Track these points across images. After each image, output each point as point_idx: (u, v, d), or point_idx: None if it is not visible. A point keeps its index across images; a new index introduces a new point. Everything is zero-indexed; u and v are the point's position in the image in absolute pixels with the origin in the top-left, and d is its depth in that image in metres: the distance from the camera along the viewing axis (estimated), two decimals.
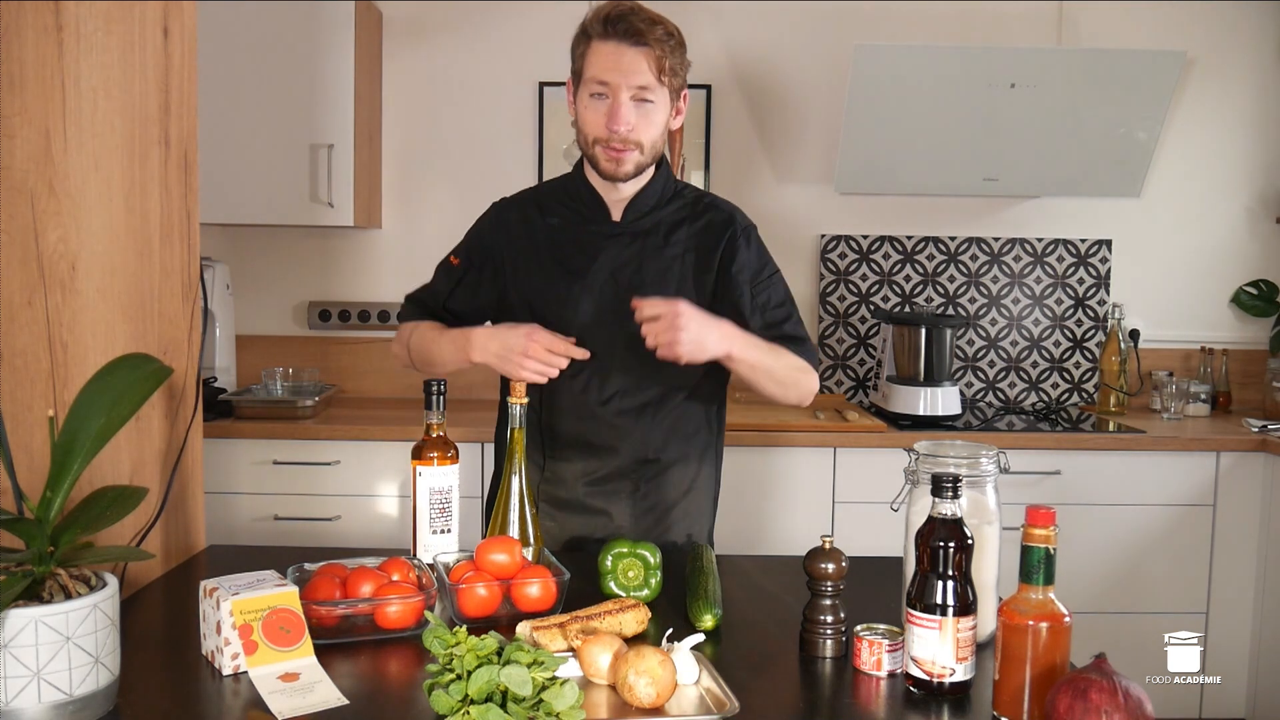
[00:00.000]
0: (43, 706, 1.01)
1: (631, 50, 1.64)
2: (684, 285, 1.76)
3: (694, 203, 1.82)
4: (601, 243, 1.76)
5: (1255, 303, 3.49)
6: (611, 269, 1.75)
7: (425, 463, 1.53)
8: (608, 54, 1.65)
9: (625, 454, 1.76)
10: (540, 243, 1.78)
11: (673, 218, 1.79)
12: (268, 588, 1.20)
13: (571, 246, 1.77)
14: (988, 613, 1.27)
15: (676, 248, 1.77)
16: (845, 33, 3.36)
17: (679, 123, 1.76)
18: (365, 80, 3.18)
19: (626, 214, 1.77)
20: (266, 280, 3.41)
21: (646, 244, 1.76)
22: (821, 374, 3.47)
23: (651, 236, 1.77)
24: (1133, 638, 2.35)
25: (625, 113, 1.65)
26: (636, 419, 1.76)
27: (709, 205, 1.82)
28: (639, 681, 1.09)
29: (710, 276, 1.78)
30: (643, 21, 1.64)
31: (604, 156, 1.69)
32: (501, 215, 1.84)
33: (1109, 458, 2.95)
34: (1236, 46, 3.44)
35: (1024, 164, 3.15)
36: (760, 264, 1.81)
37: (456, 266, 1.85)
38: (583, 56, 1.68)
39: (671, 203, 1.80)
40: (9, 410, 1.26)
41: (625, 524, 1.78)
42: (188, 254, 1.66)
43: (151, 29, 1.52)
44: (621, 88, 1.65)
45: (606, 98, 1.66)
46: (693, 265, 1.77)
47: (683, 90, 1.74)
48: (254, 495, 2.88)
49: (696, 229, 1.79)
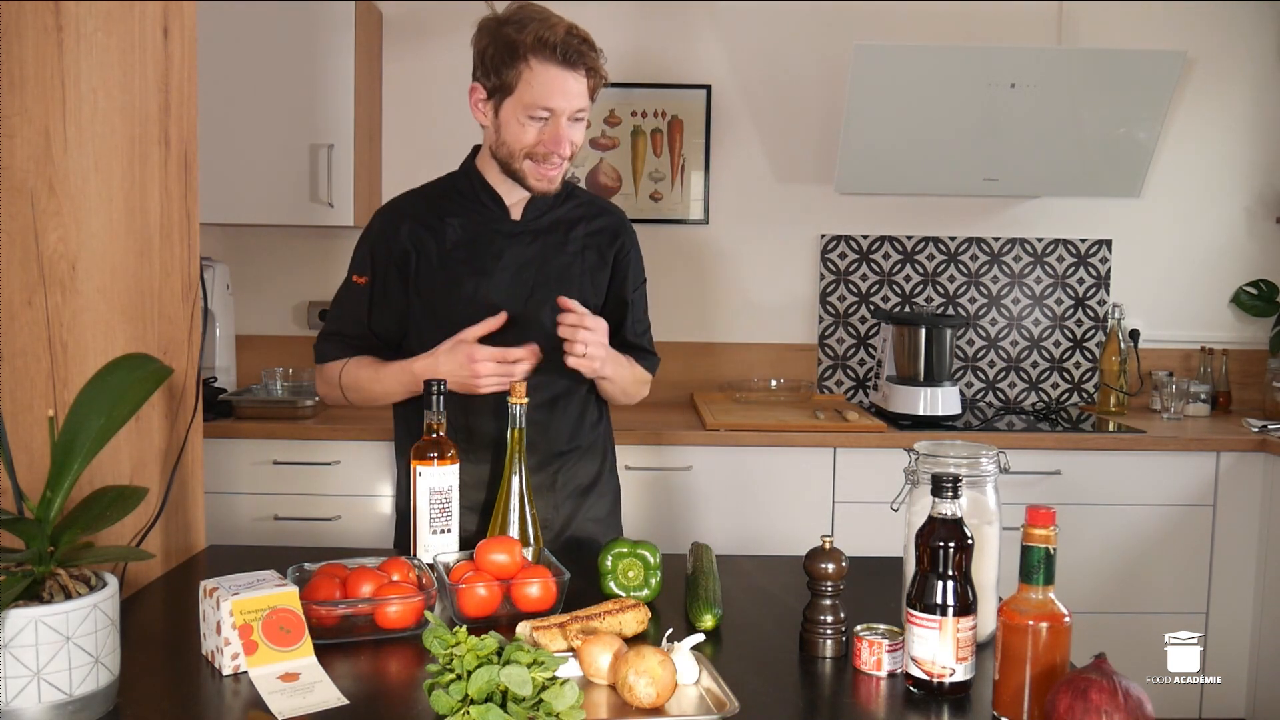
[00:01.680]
0: (43, 706, 1.01)
1: (572, 75, 1.64)
2: (584, 282, 1.80)
3: (587, 204, 1.86)
4: (503, 241, 1.77)
5: (1255, 303, 3.49)
6: (515, 267, 1.76)
7: (425, 463, 1.53)
8: (550, 80, 1.63)
9: (542, 447, 1.78)
10: (441, 244, 1.76)
11: (569, 216, 1.82)
12: (268, 588, 1.20)
13: (474, 246, 1.76)
14: (988, 613, 1.27)
15: (575, 245, 1.81)
16: (845, 33, 3.36)
17: None
18: (365, 80, 3.18)
19: (526, 213, 1.79)
20: (266, 280, 3.41)
21: (548, 242, 1.79)
22: (821, 374, 3.48)
23: (551, 234, 1.79)
24: (1133, 638, 2.34)
25: (569, 135, 1.67)
26: (550, 412, 1.78)
27: (601, 208, 1.88)
28: (639, 681, 1.09)
29: (605, 274, 1.83)
30: (579, 42, 1.64)
31: (534, 173, 1.70)
32: (394, 220, 1.79)
33: (1109, 458, 2.95)
34: (1236, 46, 3.44)
35: (1024, 164, 3.15)
36: (641, 273, 1.92)
37: (364, 285, 1.79)
38: (518, 77, 1.64)
39: (567, 202, 1.83)
40: (9, 410, 1.26)
41: (548, 516, 1.80)
42: (188, 254, 1.66)
43: (151, 29, 1.52)
44: (564, 112, 1.65)
45: (544, 120, 1.66)
46: (592, 263, 1.81)
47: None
48: (254, 495, 2.88)
49: (592, 229, 1.83)
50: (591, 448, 1.88)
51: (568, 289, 1.75)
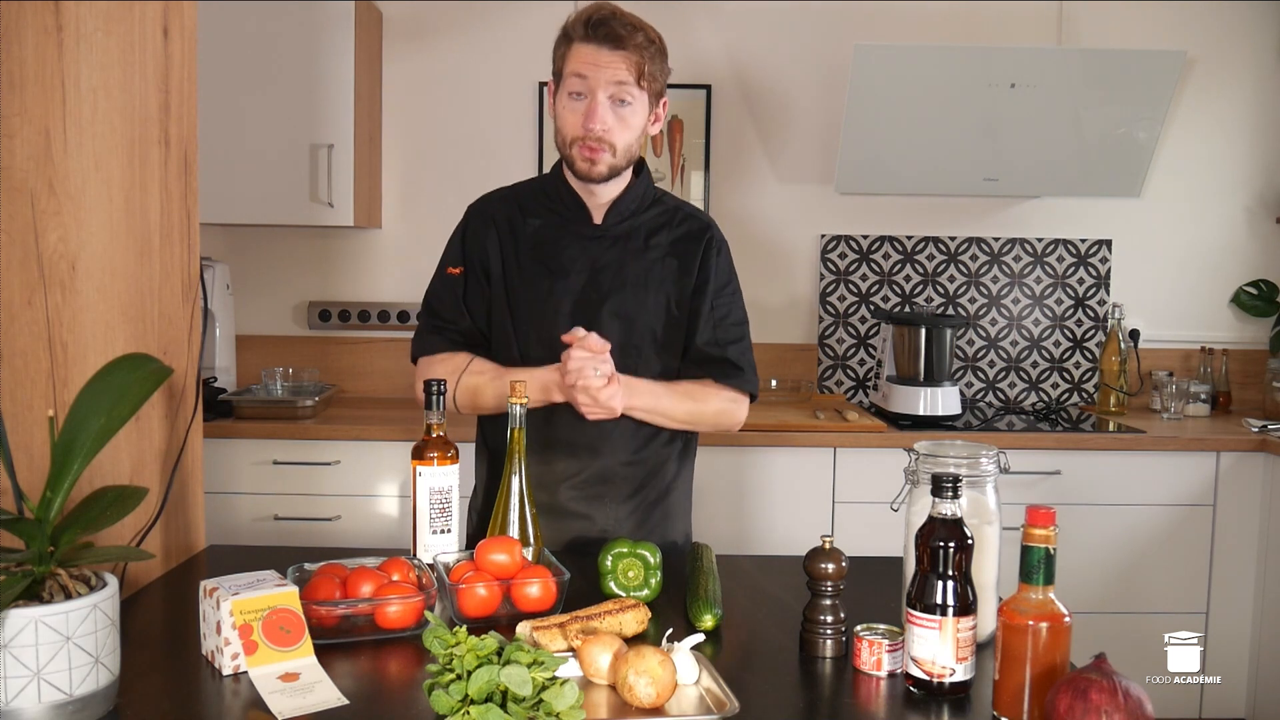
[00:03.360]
0: (43, 706, 1.01)
1: (610, 53, 1.66)
2: (664, 288, 1.77)
3: (673, 210, 1.84)
4: (583, 244, 1.77)
5: (1255, 303, 3.49)
6: (593, 270, 1.76)
7: (425, 463, 1.53)
8: (587, 55, 1.66)
9: (608, 455, 1.77)
10: (522, 242, 1.78)
11: (652, 223, 1.80)
12: (268, 588, 1.20)
13: (553, 247, 1.77)
14: (988, 613, 1.27)
15: (657, 252, 1.78)
16: (845, 33, 3.36)
17: (657, 129, 1.78)
18: (365, 80, 3.18)
19: (608, 217, 1.78)
20: (266, 280, 3.41)
21: (628, 247, 1.77)
22: (821, 374, 3.48)
23: (632, 240, 1.78)
24: (1133, 638, 2.34)
25: (601, 112, 1.67)
26: (619, 419, 1.76)
27: (688, 214, 1.85)
28: (639, 681, 1.09)
29: (690, 281, 1.79)
30: (624, 26, 1.66)
31: (579, 156, 1.70)
32: (485, 215, 1.81)
33: (1109, 458, 2.95)
34: (1236, 46, 3.44)
35: (1024, 164, 3.15)
36: (727, 278, 1.84)
37: (459, 275, 1.80)
38: (563, 58, 1.70)
39: (651, 208, 1.82)
40: (9, 410, 1.26)
41: (609, 526, 1.78)
42: (188, 254, 1.66)
43: (151, 29, 1.52)
44: (599, 88, 1.66)
45: (584, 98, 1.68)
46: (674, 270, 1.78)
47: (662, 97, 1.75)
48: (254, 495, 2.88)
49: (676, 235, 1.80)
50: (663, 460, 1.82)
51: (645, 295, 1.74)
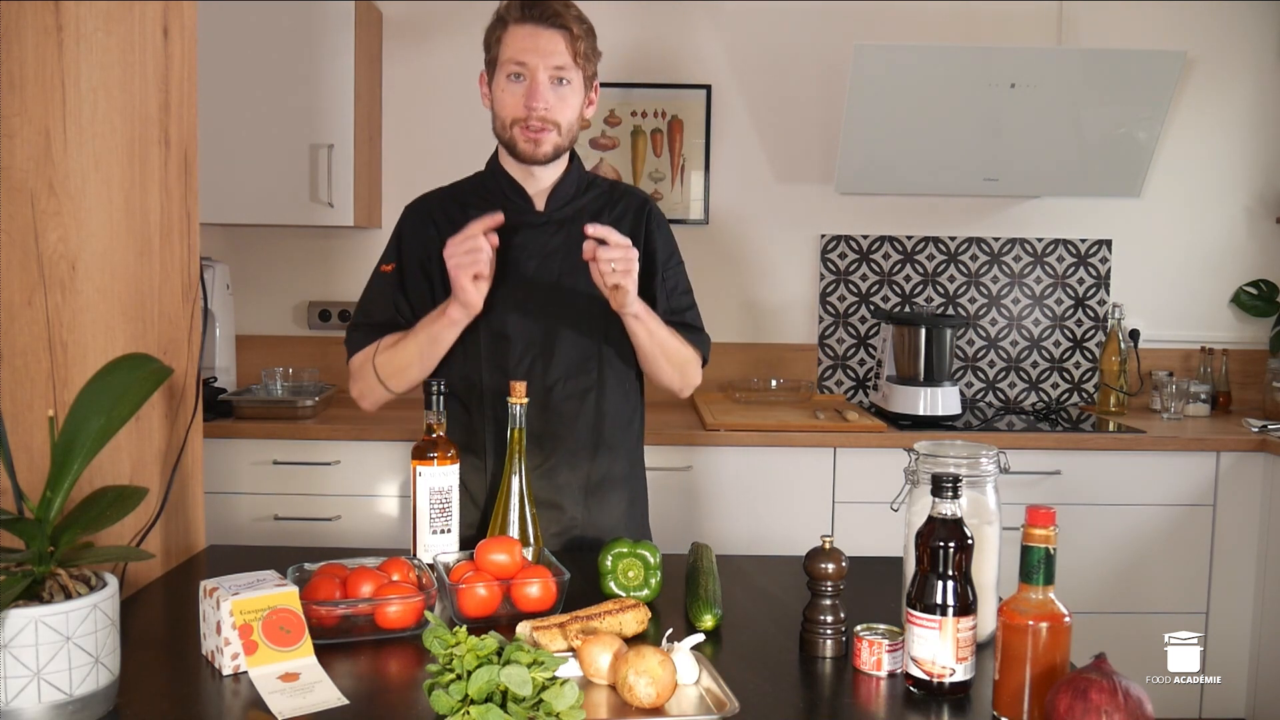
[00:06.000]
0: (43, 706, 1.01)
1: (548, 32, 1.68)
2: None
3: (609, 190, 1.87)
4: (529, 232, 1.78)
5: (1255, 303, 3.49)
6: (541, 257, 1.77)
7: (425, 463, 1.53)
8: (525, 36, 1.68)
9: (571, 442, 1.77)
10: None
11: (593, 205, 1.83)
12: (268, 588, 1.20)
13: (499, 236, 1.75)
14: (988, 613, 1.27)
15: None
16: (845, 33, 3.36)
17: (591, 112, 1.81)
18: (365, 80, 3.18)
19: (550, 203, 1.79)
20: (266, 280, 3.41)
21: (572, 231, 1.77)
22: (821, 374, 3.48)
23: (576, 223, 1.78)
24: (1133, 638, 2.34)
25: (544, 91, 1.68)
26: (581, 403, 1.77)
27: (625, 191, 1.88)
28: (639, 681, 1.09)
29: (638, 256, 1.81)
30: (560, 5, 1.69)
31: (522, 138, 1.71)
32: (422, 213, 1.82)
33: (1109, 458, 2.95)
34: (1236, 46, 3.44)
35: (1024, 164, 3.15)
36: (671, 249, 1.89)
37: (391, 272, 1.80)
38: (499, 42, 1.71)
39: (589, 190, 1.84)
40: (9, 410, 1.26)
41: (578, 515, 1.78)
42: (188, 254, 1.66)
43: (151, 29, 1.52)
44: (540, 68, 1.68)
45: (524, 79, 1.69)
46: None
47: (595, 80, 1.78)
48: (254, 495, 2.88)
49: (616, 214, 1.82)
50: (618, 448, 1.84)
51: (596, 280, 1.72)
